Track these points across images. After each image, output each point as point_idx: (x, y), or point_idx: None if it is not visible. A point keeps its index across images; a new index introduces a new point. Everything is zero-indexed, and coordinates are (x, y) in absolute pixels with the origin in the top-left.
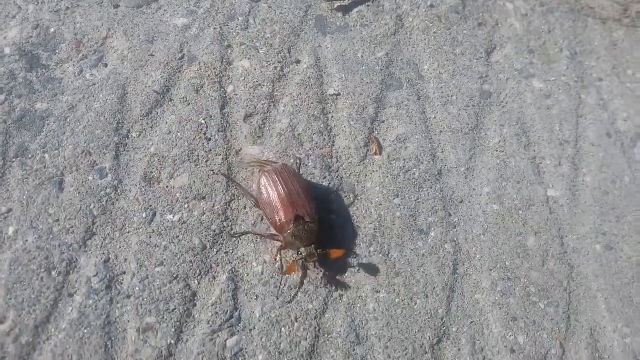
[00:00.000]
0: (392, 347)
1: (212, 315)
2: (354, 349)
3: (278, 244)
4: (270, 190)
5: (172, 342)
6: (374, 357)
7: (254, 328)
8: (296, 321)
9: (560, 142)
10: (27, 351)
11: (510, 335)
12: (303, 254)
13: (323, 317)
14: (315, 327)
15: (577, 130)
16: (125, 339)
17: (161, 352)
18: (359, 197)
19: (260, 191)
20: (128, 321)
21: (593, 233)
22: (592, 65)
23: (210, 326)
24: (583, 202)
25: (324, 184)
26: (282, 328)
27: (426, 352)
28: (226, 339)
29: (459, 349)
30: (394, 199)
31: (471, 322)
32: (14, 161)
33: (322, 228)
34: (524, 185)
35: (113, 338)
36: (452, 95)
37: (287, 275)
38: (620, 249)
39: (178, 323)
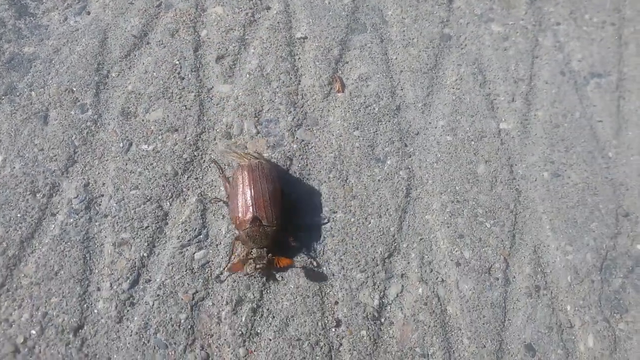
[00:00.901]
0: (347, 260)
1: (182, 232)
2: (311, 262)
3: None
4: (239, 187)
5: (145, 254)
6: (329, 268)
7: (220, 243)
8: None
9: (515, 80)
10: (14, 262)
11: (456, 251)
12: (253, 255)
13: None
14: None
15: (532, 69)
16: (103, 252)
17: (135, 263)
18: (322, 130)
19: (232, 184)
20: (105, 237)
21: (542, 162)
22: (550, 10)
23: (180, 241)
24: (534, 134)
25: (288, 118)
26: None
27: (377, 265)
28: (194, 253)
29: (409, 262)
30: (354, 131)
31: (421, 239)
32: (3, 99)
33: (281, 236)
34: (478, 119)
35: (91, 251)
36: (413, 39)
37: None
38: (568, 176)
39: (151, 239)
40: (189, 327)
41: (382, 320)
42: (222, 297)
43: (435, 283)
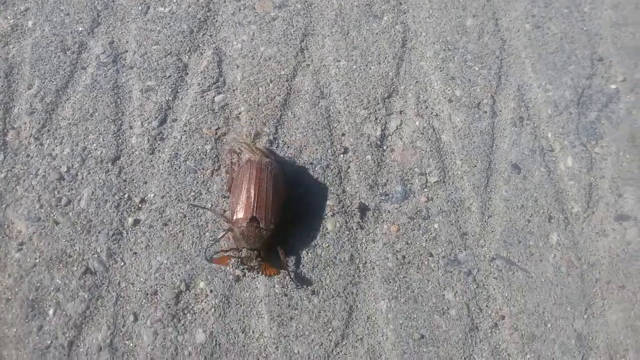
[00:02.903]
0: (351, 100)
1: (201, 79)
2: (319, 102)
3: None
4: (244, 182)
5: (170, 98)
6: (335, 107)
7: (237, 89)
8: (271, 83)
9: None
10: (52, 107)
11: (449, 90)
12: (242, 254)
13: (293, 80)
14: (287, 87)
15: None
16: (132, 97)
17: (162, 105)
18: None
19: (237, 177)
20: (133, 85)
21: (524, 16)
22: None
23: (201, 87)
24: None
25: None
26: (260, 88)
27: (378, 103)
28: (214, 96)
29: (406, 101)
30: None
31: (416, 82)
32: None
33: (274, 242)
34: None
35: (121, 97)
36: None
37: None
38: (548, 27)
39: (174, 85)
40: (214, 156)
41: (384, 147)
42: (242, 132)
43: (430, 117)
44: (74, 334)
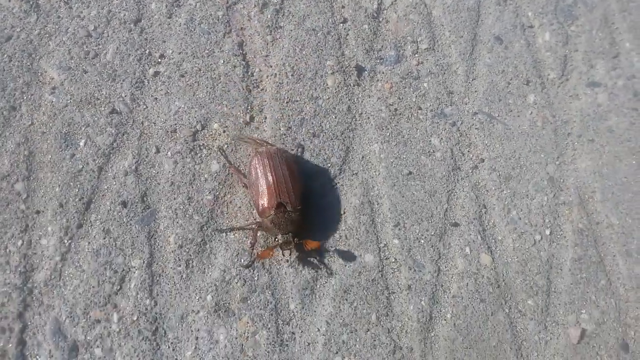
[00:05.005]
0: None
1: None
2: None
3: (255, 229)
4: (260, 174)
5: None
6: None
7: None
8: None
9: None
10: None
11: None
12: (280, 241)
13: None
14: None
15: None
16: None
17: None
18: None
19: (250, 172)
20: None
21: None
22: None
23: None
24: None
25: None
26: None
27: None
28: None
29: None
30: None
31: None
32: None
33: (305, 219)
34: None
35: None
36: None
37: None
38: None
39: None
40: (226, 21)
41: (380, 19)
42: (250, 1)
43: None
44: (103, 161)
